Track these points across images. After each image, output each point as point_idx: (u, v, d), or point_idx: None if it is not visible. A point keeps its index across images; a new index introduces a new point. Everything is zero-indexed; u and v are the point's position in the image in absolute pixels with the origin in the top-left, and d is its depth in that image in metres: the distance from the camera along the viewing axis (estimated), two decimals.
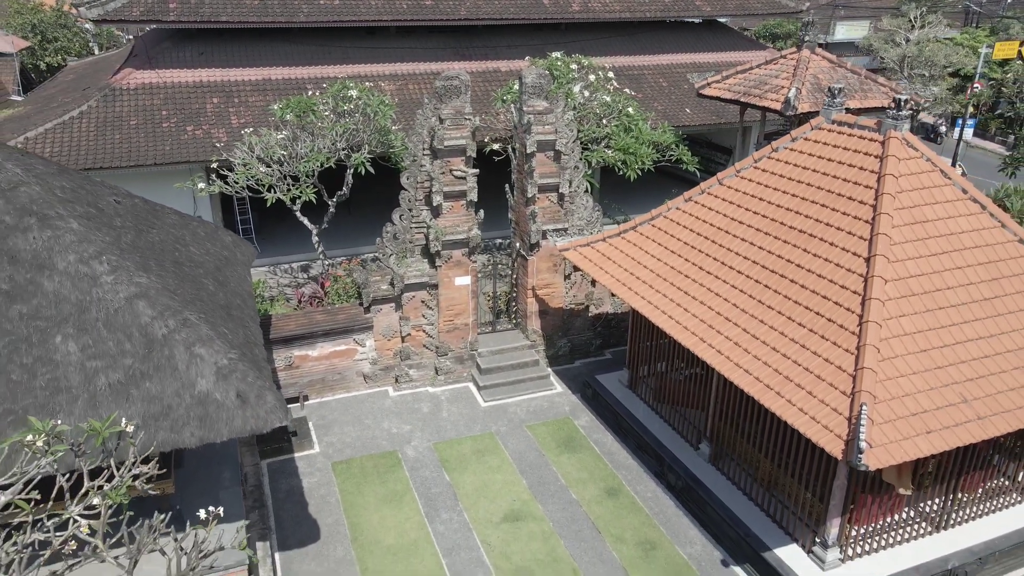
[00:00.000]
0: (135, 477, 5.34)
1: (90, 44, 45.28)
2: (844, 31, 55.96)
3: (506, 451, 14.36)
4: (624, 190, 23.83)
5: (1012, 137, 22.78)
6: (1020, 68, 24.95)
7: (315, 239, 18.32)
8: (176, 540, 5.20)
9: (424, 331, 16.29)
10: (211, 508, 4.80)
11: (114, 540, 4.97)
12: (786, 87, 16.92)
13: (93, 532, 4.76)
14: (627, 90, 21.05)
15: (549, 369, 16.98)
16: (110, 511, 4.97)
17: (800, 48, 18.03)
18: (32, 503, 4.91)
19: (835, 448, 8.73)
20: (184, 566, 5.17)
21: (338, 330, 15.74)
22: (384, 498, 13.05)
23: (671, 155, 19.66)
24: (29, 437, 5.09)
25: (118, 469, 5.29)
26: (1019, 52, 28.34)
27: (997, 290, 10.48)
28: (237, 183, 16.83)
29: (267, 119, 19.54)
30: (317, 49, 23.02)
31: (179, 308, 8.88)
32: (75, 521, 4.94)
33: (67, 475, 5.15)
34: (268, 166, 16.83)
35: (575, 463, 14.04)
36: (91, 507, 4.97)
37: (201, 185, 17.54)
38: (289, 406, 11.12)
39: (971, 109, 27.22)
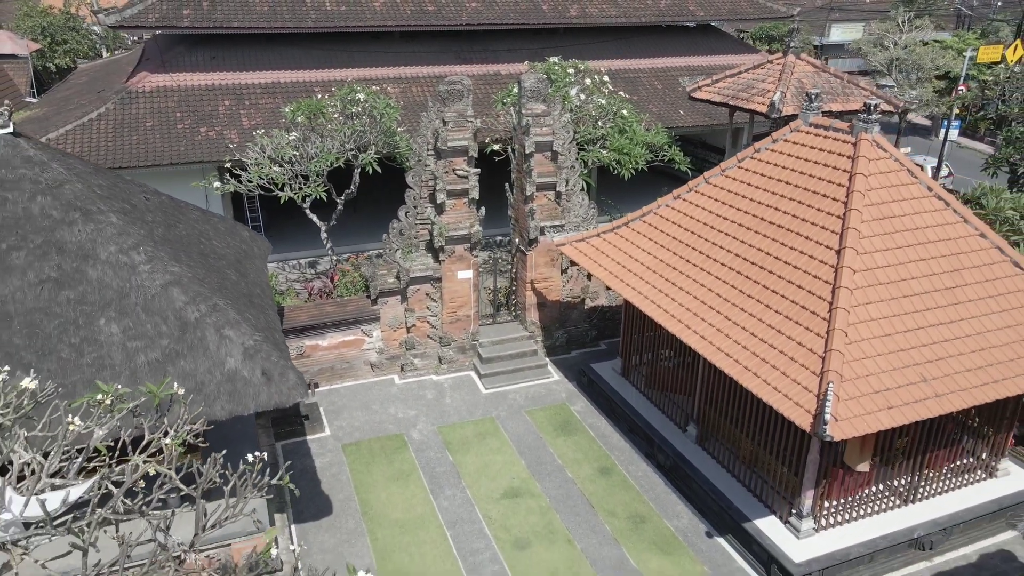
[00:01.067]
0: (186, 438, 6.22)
1: (98, 46, 46.17)
2: (839, 33, 56.91)
3: (506, 434, 15.26)
4: (620, 189, 24.70)
5: (1000, 138, 23.59)
6: (1001, 71, 25.79)
7: (324, 235, 19.19)
8: (227, 488, 6.06)
9: (428, 322, 17.18)
10: (257, 453, 5.68)
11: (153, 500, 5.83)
12: (772, 91, 17.81)
13: (158, 475, 5.64)
14: (621, 93, 21.93)
15: (547, 359, 17.88)
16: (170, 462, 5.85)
17: (786, 54, 18.92)
18: (108, 451, 5.78)
19: (804, 422, 9.62)
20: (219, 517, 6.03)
21: (347, 321, 16.64)
22: (392, 477, 13.95)
23: (664, 155, 20.55)
24: (99, 396, 5.99)
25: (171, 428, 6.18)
26: (1003, 55, 29.24)
27: (958, 280, 11.37)
28: (251, 182, 17.69)
29: (277, 120, 20.43)
30: (324, 53, 23.89)
31: (208, 295, 9.78)
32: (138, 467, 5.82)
33: (129, 431, 6.04)
34: (280, 166, 17.70)
35: (571, 445, 14.94)
36: (153, 456, 5.85)
37: (217, 184, 18.41)
38: None
39: (957, 111, 28.09)
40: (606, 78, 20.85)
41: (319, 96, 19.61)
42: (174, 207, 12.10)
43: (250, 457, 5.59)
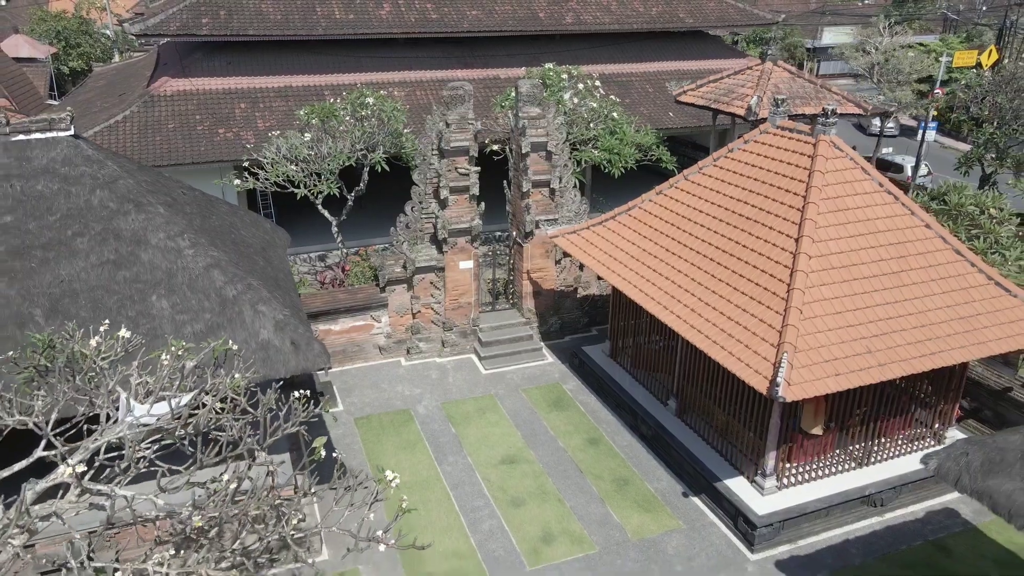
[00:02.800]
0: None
1: (111, 49, 47.63)
2: (830, 36, 58.40)
3: (503, 409, 16.71)
4: (612, 186, 26.13)
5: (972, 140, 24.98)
6: (972, 76, 27.19)
7: (335, 229, 20.63)
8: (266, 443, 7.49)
9: (432, 309, 18.63)
10: (301, 391, 7.12)
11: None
12: (750, 95, 19.25)
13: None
14: (613, 96, 23.36)
15: (542, 343, 19.33)
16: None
17: (763, 61, 20.36)
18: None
19: (762, 386, 11.06)
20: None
21: (357, 308, 18.09)
22: (400, 446, 15.41)
23: (652, 155, 21.99)
24: (172, 348, 7.44)
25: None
26: (978, 60, 30.61)
27: (903, 265, 12.79)
28: (268, 179, 19.14)
29: (290, 122, 21.89)
30: (334, 59, 25.35)
31: (243, 276, 11.24)
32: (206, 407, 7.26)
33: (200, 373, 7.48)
34: (296, 164, 19.14)
35: (563, 419, 16.39)
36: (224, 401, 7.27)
37: (237, 181, 19.85)
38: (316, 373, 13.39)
39: (934, 113, 29.51)
40: (598, 83, 22.28)
41: (329, 98, 21.05)
42: (207, 201, 13.57)
43: (296, 393, 7.05)
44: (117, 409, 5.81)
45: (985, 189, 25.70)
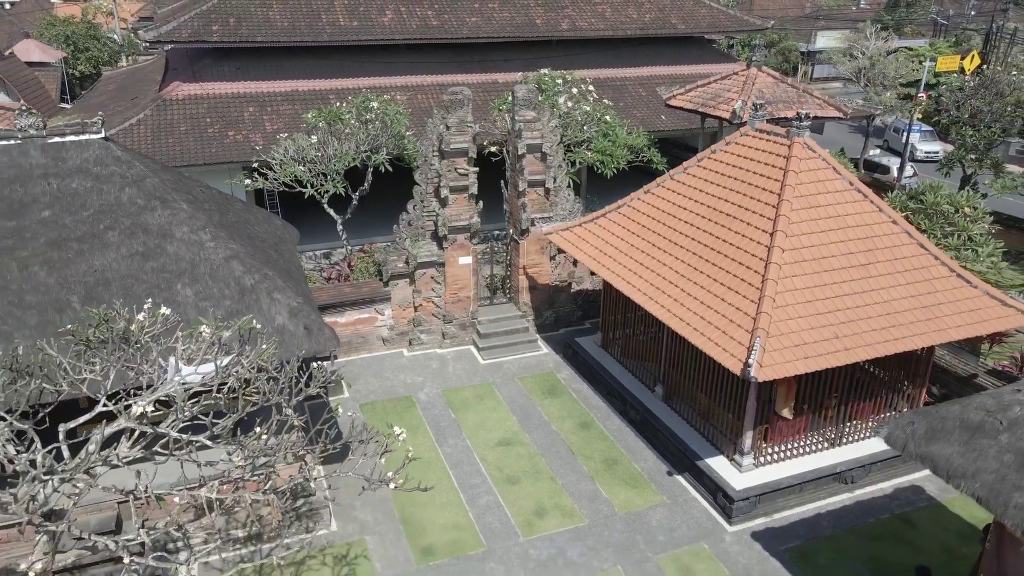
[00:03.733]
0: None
1: (118, 53, 48.64)
2: (824, 40, 59.42)
3: (500, 396, 17.68)
4: (605, 186, 27.09)
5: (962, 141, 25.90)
6: (953, 80, 28.16)
7: (340, 227, 21.61)
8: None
9: (433, 302, 19.61)
10: (321, 362, 8.10)
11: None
12: (735, 99, 20.23)
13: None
14: (606, 100, 24.34)
15: (537, 335, 20.31)
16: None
17: (749, 67, 21.35)
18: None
19: (736, 368, 12.03)
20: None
21: (362, 301, 19.08)
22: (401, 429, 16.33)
23: (643, 156, 22.96)
24: (203, 327, 8.42)
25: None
26: (960, 65, 31.58)
27: (871, 258, 13.77)
28: (277, 179, 20.11)
29: (297, 125, 22.87)
30: (338, 64, 26.33)
31: (260, 267, 12.22)
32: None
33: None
34: (303, 165, 20.11)
35: (556, 405, 17.36)
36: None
37: (247, 181, 20.82)
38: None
39: (919, 115, 30.49)
40: (591, 87, 23.27)
41: (334, 102, 22.03)
42: (223, 198, 14.56)
43: (314, 364, 8.03)
44: (165, 372, 6.79)
45: (966, 189, 26.72)
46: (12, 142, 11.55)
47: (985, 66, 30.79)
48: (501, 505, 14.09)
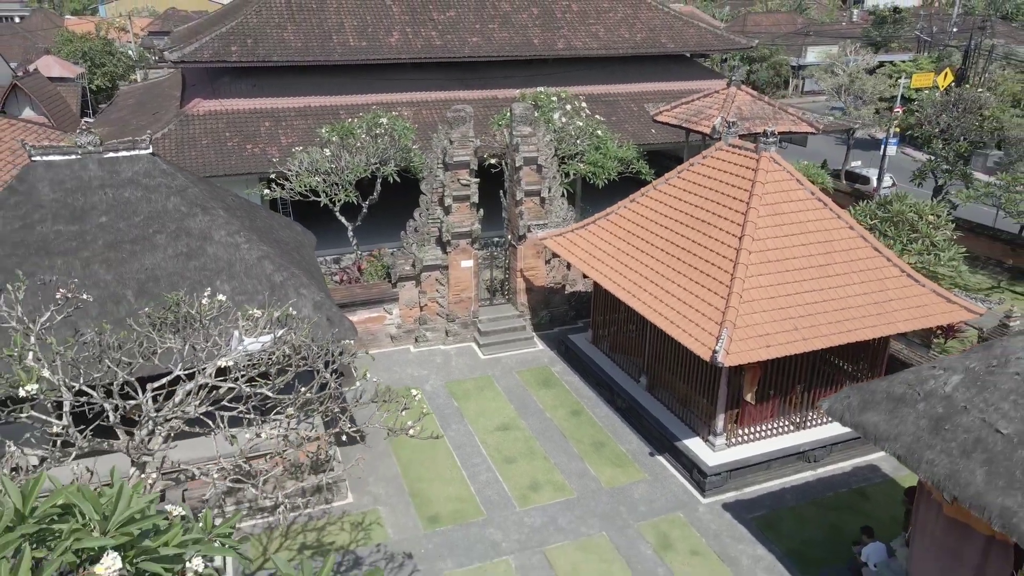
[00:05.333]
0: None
1: (133, 68, 50.55)
2: (814, 55, 61.32)
3: (499, 387, 19.32)
4: (598, 195, 28.78)
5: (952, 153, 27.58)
6: (925, 97, 29.90)
7: (350, 233, 23.32)
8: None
9: (438, 302, 21.28)
10: (345, 340, 9.74)
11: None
12: (715, 116, 21.97)
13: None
14: (598, 116, 26.09)
15: (533, 333, 21.97)
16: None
17: (728, 86, 23.10)
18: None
19: (706, 355, 13.68)
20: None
21: (372, 301, 20.76)
22: (409, 416, 17.96)
23: (632, 167, 24.69)
24: (256, 310, 10.07)
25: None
26: (934, 82, 33.33)
27: (829, 260, 15.44)
28: (294, 189, 21.83)
29: (311, 138, 24.60)
30: (348, 81, 28.10)
31: (287, 266, 13.91)
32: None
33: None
34: (317, 176, 21.83)
35: (550, 395, 19.00)
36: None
37: (266, 191, 22.55)
38: None
39: (896, 129, 32.25)
40: (584, 104, 25.02)
41: (344, 117, 23.74)
42: (250, 206, 16.26)
43: (344, 341, 9.69)
44: (229, 343, 8.45)
45: (941, 198, 28.42)
46: (73, 157, 13.26)
47: (961, 84, 32.52)
48: (499, 481, 15.71)
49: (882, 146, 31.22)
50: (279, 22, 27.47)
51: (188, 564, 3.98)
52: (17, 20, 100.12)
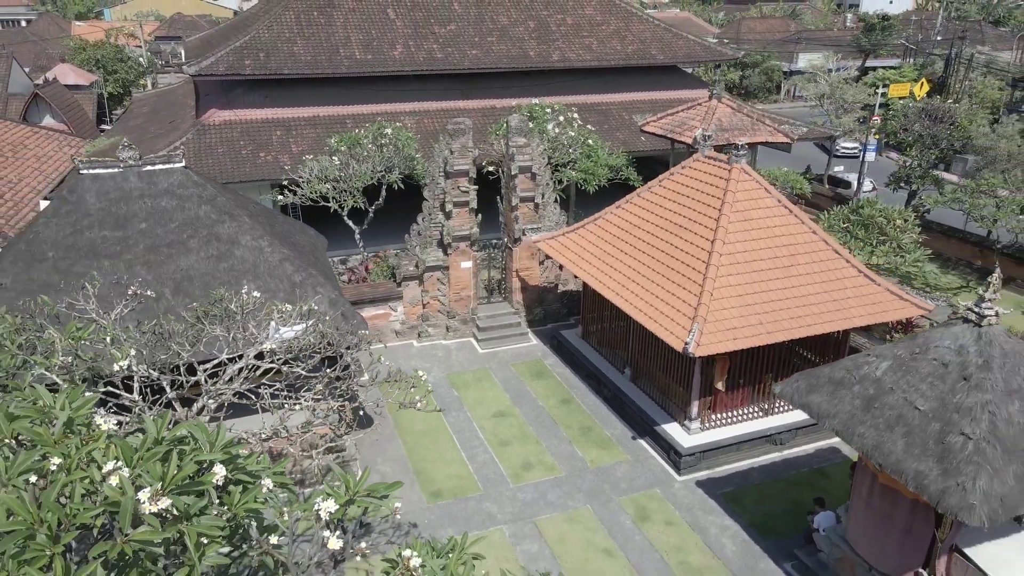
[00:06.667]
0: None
1: (143, 74, 52.20)
2: (805, 61, 62.95)
3: (496, 379, 20.98)
4: (592, 201, 30.42)
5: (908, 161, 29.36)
6: (900, 107, 31.54)
7: (358, 236, 24.97)
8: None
9: (439, 300, 22.94)
10: (361, 331, 11.40)
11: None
12: (697, 127, 23.60)
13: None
14: (589, 126, 27.73)
15: (528, 329, 23.63)
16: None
17: (711, 98, 24.74)
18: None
19: (679, 346, 15.33)
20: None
21: (378, 299, 22.41)
22: (417, 392, 19.62)
23: (622, 174, 26.34)
24: (288, 305, 11.72)
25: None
26: (911, 91, 34.94)
27: (792, 261, 17.08)
28: (305, 195, 23.48)
29: (320, 147, 26.25)
30: (354, 92, 29.75)
31: (305, 267, 15.57)
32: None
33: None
34: (327, 183, 23.49)
35: (543, 386, 20.66)
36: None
37: (280, 196, 24.21)
38: None
39: (876, 136, 33.89)
40: (576, 115, 26.67)
41: (351, 126, 25.34)
42: (270, 213, 17.93)
43: (360, 331, 11.36)
44: (267, 331, 10.11)
45: (915, 202, 30.06)
46: (116, 170, 14.92)
47: (942, 92, 34.10)
48: (495, 461, 17.37)
49: (861, 152, 32.87)
50: (289, 36, 29.13)
51: (262, 481, 5.64)
52: (23, 24, 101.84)
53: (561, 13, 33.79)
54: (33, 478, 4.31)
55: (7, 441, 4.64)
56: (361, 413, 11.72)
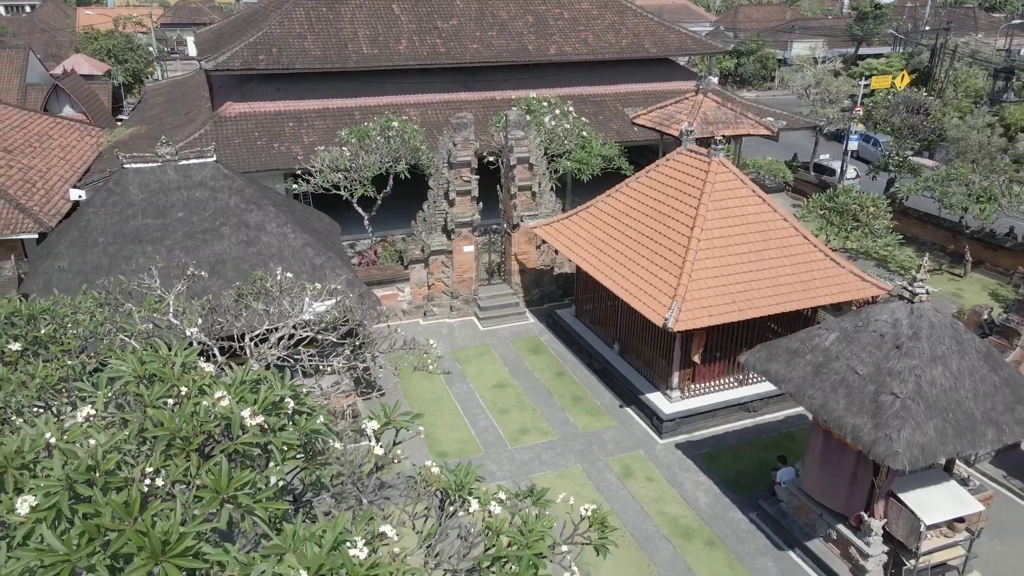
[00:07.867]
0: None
1: (154, 64, 53.63)
2: (799, 49, 64.26)
3: (496, 354, 22.82)
4: (586, 189, 32.12)
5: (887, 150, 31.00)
6: (880, 99, 33.07)
7: (367, 223, 26.71)
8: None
9: (443, 282, 24.73)
10: (379, 307, 13.20)
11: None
12: (684, 120, 25.25)
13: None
14: (583, 118, 29.36)
15: (526, 308, 25.43)
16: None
17: (697, 93, 26.37)
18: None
19: (659, 321, 17.13)
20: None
21: (387, 280, 24.20)
22: (422, 376, 21.48)
23: (615, 164, 28.02)
24: (317, 284, 13.49)
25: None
26: (892, 83, 36.45)
27: (765, 247, 18.83)
28: (318, 184, 25.19)
29: (330, 137, 27.90)
30: (362, 85, 31.35)
31: (324, 251, 17.35)
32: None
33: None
34: (339, 173, 25.19)
35: (539, 360, 22.50)
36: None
37: (295, 185, 25.93)
38: None
39: (859, 126, 35.49)
40: (571, 108, 28.30)
41: (358, 118, 26.93)
42: (290, 202, 19.68)
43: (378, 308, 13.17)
44: (303, 307, 11.91)
45: (894, 189, 31.74)
46: (155, 165, 16.66)
47: (928, 82, 35.57)
48: (495, 427, 19.24)
49: (844, 141, 34.49)
50: (300, 32, 30.69)
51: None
52: (28, 9, 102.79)
53: (558, 8, 35.29)
54: (170, 401, 6.11)
55: (143, 378, 6.44)
56: (376, 381, 13.40)
